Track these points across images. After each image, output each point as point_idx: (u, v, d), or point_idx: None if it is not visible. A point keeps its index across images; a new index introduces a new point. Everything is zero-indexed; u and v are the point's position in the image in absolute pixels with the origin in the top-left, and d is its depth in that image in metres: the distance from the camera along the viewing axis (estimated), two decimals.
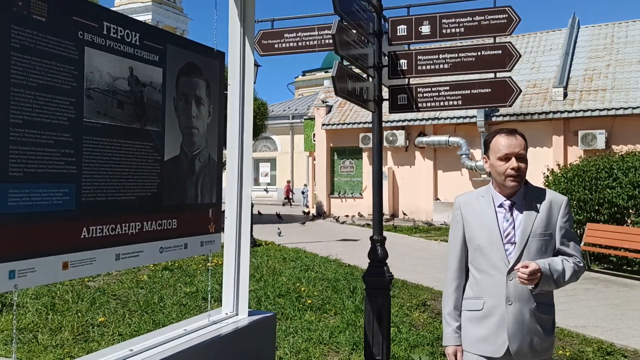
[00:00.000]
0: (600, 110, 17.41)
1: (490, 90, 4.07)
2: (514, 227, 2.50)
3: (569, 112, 17.90)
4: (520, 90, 4.08)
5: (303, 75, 50.04)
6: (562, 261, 2.48)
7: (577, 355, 5.35)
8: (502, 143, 2.53)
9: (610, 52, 19.46)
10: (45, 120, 2.41)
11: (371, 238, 4.12)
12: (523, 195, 2.55)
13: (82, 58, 2.59)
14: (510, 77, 4.07)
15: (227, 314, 3.68)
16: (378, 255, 4.07)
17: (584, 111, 17.67)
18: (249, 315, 3.72)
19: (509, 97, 4.01)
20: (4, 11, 2.24)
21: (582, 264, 2.55)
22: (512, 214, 2.53)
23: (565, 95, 18.36)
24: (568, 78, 18.89)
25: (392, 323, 6.00)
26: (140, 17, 53.62)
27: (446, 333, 2.67)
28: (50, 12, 2.44)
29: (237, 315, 3.71)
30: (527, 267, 2.35)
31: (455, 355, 2.64)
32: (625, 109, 17.09)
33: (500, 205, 2.55)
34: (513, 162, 2.49)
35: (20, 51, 2.30)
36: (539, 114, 18.34)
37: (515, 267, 2.42)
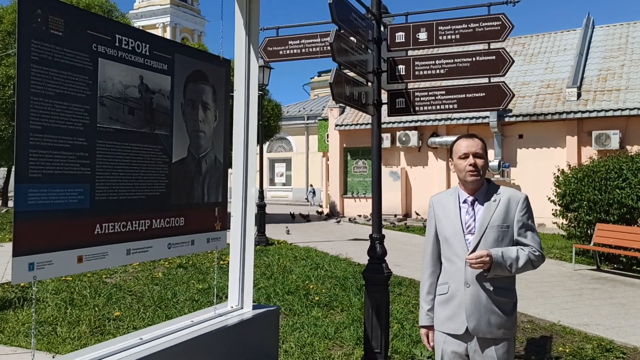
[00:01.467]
0: (614, 110, 17.37)
1: (484, 94, 4.24)
2: (474, 220, 2.83)
3: (583, 112, 17.88)
4: (513, 94, 4.24)
5: (319, 75, 50.16)
6: (517, 250, 2.77)
7: (577, 352, 5.48)
8: (461, 145, 2.89)
9: (624, 52, 19.39)
10: (62, 126, 2.63)
11: (370, 236, 4.31)
12: (485, 192, 2.87)
13: (96, 68, 2.81)
14: (503, 81, 4.24)
15: (232, 307, 3.88)
16: (377, 252, 4.26)
17: (598, 111, 17.64)
18: (254, 308, 3.92)
19: (503, 100, 4.18)
20: (24, 27, 2.47)
21: (538, 253, 2.82)
22: (473, 208, 2.85)
23: (579, 95, 18.34)
24: (582, 78, 18.85)
25: (397, 320, 6.19)
26: (159, 20, 54.21)
27: (420, 315, 3.09)
28: (67, 26, 2.66)
29: (242, 308, 3.91)
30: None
31: (427, 335, 3.05)
32: (639, 109, 17.04)
33: (465, 201, 2.88)
34: (470, 159, 2.83)
35: (40, 63, 2.53)
36: (553, 114, 18.35)
37: (467, 256, 2.74)
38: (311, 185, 33.93)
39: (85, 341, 5.39)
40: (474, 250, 2.76)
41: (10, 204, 23.97)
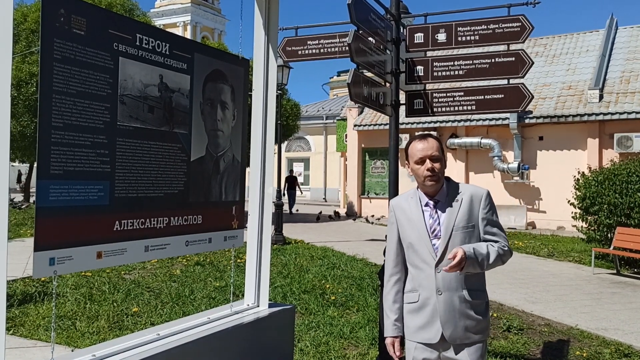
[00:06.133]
0: (637, 112, 17.11)
1: (503, 95, 4.22)
2: (439, 223, 2.72)
3: (605, 114, 17.66)
4: (532, 96, 4.21)
5: (338, 75, 50.16)
6: (487, 246, 2.68)
7: (594, 356, 5.42)
8: (416, 148, 2.75)
9: None
10: (83, 124, 2.67)
11: (386, 236, 4.31)
12: (446, 193, 2.76)
13: (117, 67, 2.86)
14: (522, 83, 4.21)
15: (248, 305, 3.91)
16: None
17: (620, 113, 17.41)
18: (270, 307, 3.94)
19: (521, 102, 4.15)
20: (48, 26, 2.51)
21: (507, 249, 2.73)
22: (436, 211, 2.74)
23: (601, 97, 18.11)
24: (604, 80, 18.62)
25: None
26: (179, 18, 54.62)
27: (386, 325, 2.90)
28: (89, 26, 2.70)
29: (258, 306, 3.93)
30: (455, 256, 2.53)
31: (393, 345, 2.85)
32: None
33: (427, 205, 2.77)
34: (427, 164, 2.70)
35: (62, 62, 2.57)
36: (574, 116, 18.15)
37: (446, 259, 2.61)
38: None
39: (103, 336, 5.46)
40: (442, 255, 2.67)
41: (32, 199, 24.36)
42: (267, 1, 3.88)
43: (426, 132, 2.81)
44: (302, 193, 28.73)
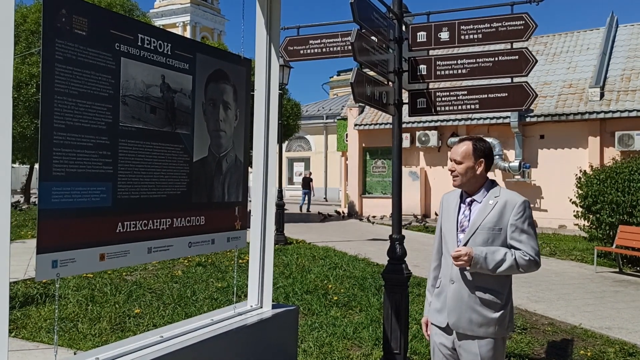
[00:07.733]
0: (638, 110, 17.07)
1: (506, 94, 4.20)
2: (468, 220, 2.94)
3: (606, 112, 17.61)
4: (536, 95, 4.19)
5: (338, 75, 50.12)
6: (505, 253, 2.81)
7: (599, 356, 5.40)
8: (452, 149, 3.03)
9: None
10: (85, 125, 2.65)
11: (390, 237, 4.30)
12: (483, 194, 2.96)
13: (119, 68, 2.83)
14: (526, 81, 4.19)
15: (252, 306, 3.89)
16: (397, 253, 4.24)
17: (621, 111, 17.37)
18: (273, 308, 3.92)
19: (525, 101, 4.14)
20: (49, 27, 2.49)
21: (528, 258, 2.81)
22: (469, 209, 2.95)
23: (602, 95, 18.07)
24: (605, 78, 18.57)
25: (416, 320, 6.16)
26: (179, 19, 54.59)
27: (425, 305, 3.24)
28: (90, 26, 2.68)
29: (261, 307, 3.91)
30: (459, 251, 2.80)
31: (427, 324, 3.16)
32: None
33: (464, 201, 3.02)
34: (449, 165, 3.01)
35: (64, 62, 2.55)
36: (575, 114, 18.10)
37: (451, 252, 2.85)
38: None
39: (106, 338, 5.44)
40: None
41: (33, 200, 24.33)
42: (268, 0, 3.86)
43: (466, 137, 2.98)
44: (314, 195, 29.37)
